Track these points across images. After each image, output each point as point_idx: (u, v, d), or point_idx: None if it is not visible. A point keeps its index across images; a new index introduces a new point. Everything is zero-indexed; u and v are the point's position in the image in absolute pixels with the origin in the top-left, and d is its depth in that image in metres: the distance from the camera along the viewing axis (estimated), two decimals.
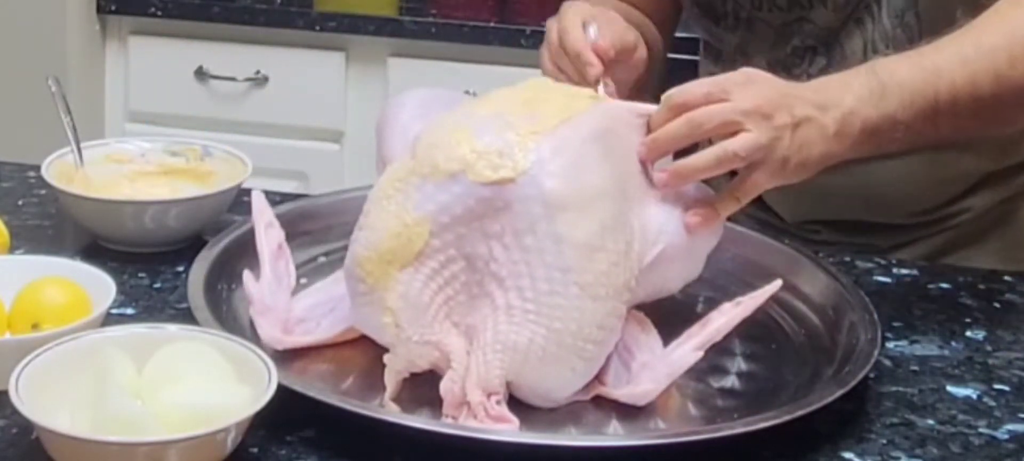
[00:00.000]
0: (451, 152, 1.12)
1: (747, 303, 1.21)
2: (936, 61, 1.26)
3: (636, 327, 1.21)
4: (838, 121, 1.21)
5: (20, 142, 1.98)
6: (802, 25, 1.50)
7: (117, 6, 2.87)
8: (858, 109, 1.22)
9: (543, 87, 1.22)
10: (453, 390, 1.11)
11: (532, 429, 1.11)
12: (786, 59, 1.51)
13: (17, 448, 1.06)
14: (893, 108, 1.23)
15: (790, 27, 1.50)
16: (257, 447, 1.07)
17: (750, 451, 1.10)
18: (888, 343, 1.29)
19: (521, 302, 1.11)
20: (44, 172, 1.43)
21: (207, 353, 1.08)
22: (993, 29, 1.29)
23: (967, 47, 1.27)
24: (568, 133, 1.14)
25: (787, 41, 1.51)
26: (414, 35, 2.79)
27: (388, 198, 1.13)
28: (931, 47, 1.28)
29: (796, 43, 1.51)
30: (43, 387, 1.04)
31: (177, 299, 1.31)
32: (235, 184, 1.43)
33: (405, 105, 1.28)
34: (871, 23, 1.47)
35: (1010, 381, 1.25)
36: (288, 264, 1.28)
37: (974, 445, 1.14)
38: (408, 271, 1.12)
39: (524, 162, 1.11)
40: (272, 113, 2.88)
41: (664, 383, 1.16)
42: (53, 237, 1.45)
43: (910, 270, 1.47)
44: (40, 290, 1.19)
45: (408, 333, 1.13)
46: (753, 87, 1.20)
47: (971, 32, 1.29)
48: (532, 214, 1.11)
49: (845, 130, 1.21)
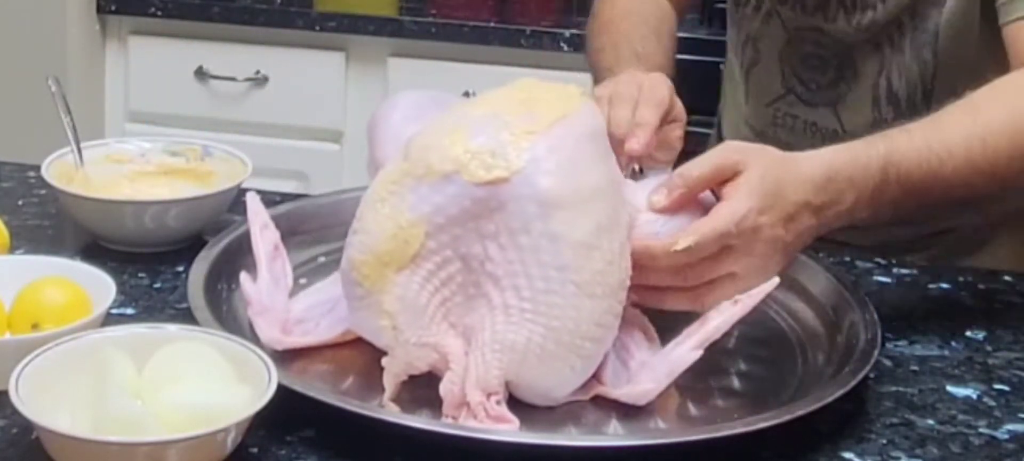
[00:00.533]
0: (445, 153, 1.12)
1: (745, 301, 1.21)
2: (942, 158, 1.25)
3: (634, 326, 1.21)
4: (829, 220, 1.22)
5: (20, 142, 1.98)
6: (819, 35, 1.50)
7: (117, 6, 2.87)
8: (855, 208, 1.23)
9: (536, 87, 1.22)
10: (453, 391, 1.11)
11: (532, 429, 1.11)
12: (796, 64, 1.51)
13: (17, 448, 1.06)
14: (885, 203, 1.24)
15: (804, 34, 1.51)
16: (257, 447, 1.07)
17: (750, 451, 1.10)
18: (888, 343, 1.29)
19: (518, 301, 1.11)
20: (44, 172, 1.43)
21: (207, 353, 1.08)
22: (1001, 122, 1.27)
23: (975, 144, 1.26)
24: (562, 132, 1.14)
25: (799, 46, 1.51)
26: (414, 35, 2.79)
27: (382, 201, 1.13)
28: (942, 134, 1.26)
29: (808, 49, 1.51)
30: (43, 387, 1.04)
31: (177, 299, 1.31)
32: (235, 184, 1.43)
33: (397, 107, 1.28)
34: (890, 50, 1.48)
35: (1010, 381, 1.25)
36: (285, 265, 1.28)
37: (974, 445, 1.14)
38: (404, 273, 1.12)
39: (518, 161, 1.11)
40: (272, 113, 2.88)
41: (664, 382, 1.16)
42: (53, 237, 1.45)
43: (910, 270, 1.47)
44: (40, 290, 1.19)
45: (406, 335, 1.13)
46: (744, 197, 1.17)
47: (980, 118, 1.27)
48: (527, 213, 1.11)
49: (831, 225, 1.23)
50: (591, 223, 1.12)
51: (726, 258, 1.17)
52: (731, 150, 1.21)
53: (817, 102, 1.56)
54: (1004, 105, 1.29)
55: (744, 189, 1.17)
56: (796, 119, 1.57)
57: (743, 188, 1.17)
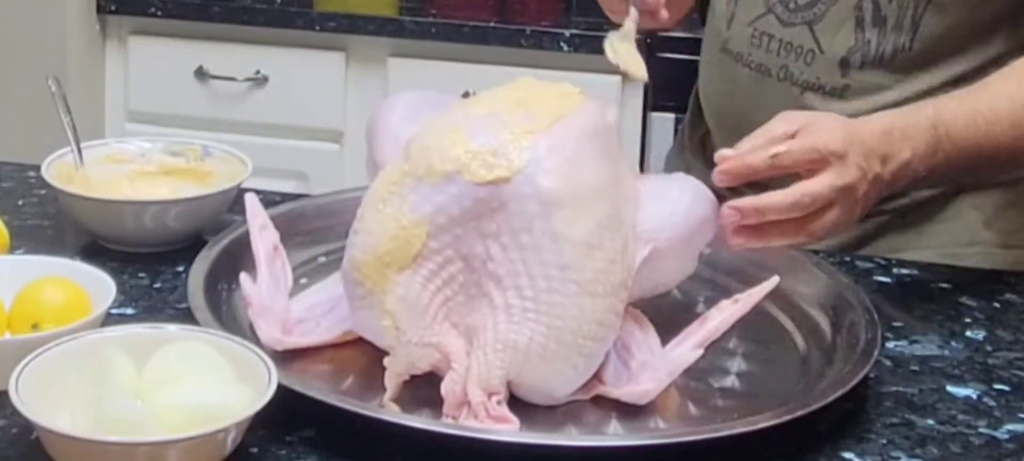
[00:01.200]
0: (445, 153, 1.12)
1: (745, 300, 1.21)
2: (989, 120, 1.33)
3: (635, 326, 1.21)
4: (894, 173, 1.29)
5: (20, 142, 1.98)
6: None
7: (117, 6, 2.87)
8: (912, 163, 1.30)
9: (535, 86, 1.22)
10: (454, 390, 1.11)
11: (532, 429, 1.11)
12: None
13: (17, 448, 1.06)
14: (940, 162, 1.32)
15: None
16: (257, 447, 1.07)
17: (750, 451, 1.10)
18: (888, 343, 1.29)
19: (520, 301, 1.11)
20: (44, 172, 1.43)
21: (207, 353, 1.08)
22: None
23: (1020, 108, 1.34)
24: (563, 131, 1.14)
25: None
26: (414, 35, 2.79)
27: (383, 201, 1.13)
28: (988, 96, 1.35)
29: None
30: (43, 387, 1.04)
31: (177, 299, 1.31)
32: (235, 184, 1.43)
33: (395, 108, 1.28)
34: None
35: (1010, 381, 1.25)
36: (285, 265, 1.28)
37: (974, 445, 1.14)
38: (406, 273, 1.12)
39: (519, 161, 1.11)
40: (272, 113, 2.88)
41: (664, 382, 1.16)
42: (53, 237, 1.45)
43: (910, 270, 1.47)
44: (40, 290, 1.19)
45: (408, 335, 1.13)
46: (827, 131, 1.24)
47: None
48: (528, 212, 1.11)
49: (897, 181, 1.30)
50: (593, 222, 1.12)
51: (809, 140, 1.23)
52: (792, 113, 1.27)
53: (794, 21, 1.53)
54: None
55: (819, 127, 1.24)
56: (771, 38, 1.54)
57: (818, 127, 1.24)
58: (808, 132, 1.24)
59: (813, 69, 1.50)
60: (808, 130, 1.24)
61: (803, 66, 1.51)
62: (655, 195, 1.21)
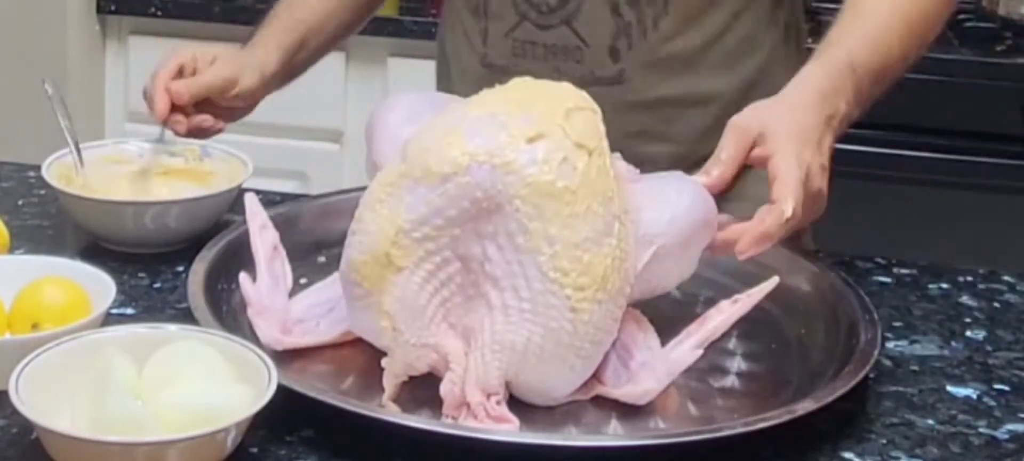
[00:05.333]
0: (443, 155, 1.12)
1: (745, 300, 1.21)
2: (889, 38, 1.38)
3: (634, 326, 1.21)
4: (836, 129, 1.31)
5: (20, 142, 1.98)
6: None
7: (117, 6, 2.87)
8: (849, 113, 1.33)
9: (533, 87, 1.22)
10: (453, 391, 1.11)
11: (532, 429, 1.11)
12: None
13: (17, 448, 1.06)
14: (864, 98, 1.35)
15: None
16: (257, 447, 1.07)
17: (750, 451, 1.10)
18: (888, 343, 1.29)
19: (517, 302, 1.11)
20: (44, 173, 1.43)
21: (207, 353, 1.08)
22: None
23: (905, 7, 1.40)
24: (561, 133, 1.14)
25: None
26: (414, 35, 2.79)
27: (381, 202, 1.13)
28: (869, 11, 1.39)
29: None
30: (43, 387, 1.04)
31: (177, 299, 1.31)
32: (236, 184, 1.43)
33: (394, 108, 1.28)
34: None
35: (1010, 381, 1.25)
36: (284, 265, 1.28)
37: (974, 445, 1.14)
38: (404, 274, 1.12)
39: (516, 163, 1.11)
40: (272, 113, 2.86)
41: (664, 382, 1.16)
42: (53, 237, 1.45)
43: (910, 270, 1.47)
44: (40, 290, 1.19)
45: (406, 336, 1.13)
46: (783, 138, 1.25)
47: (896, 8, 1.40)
48: (525, 214, 1.11)
49: (839, 133, 1.32)
50: (589, 225, 1.12)
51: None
52: (741, 121, 1.27)
53: (552, 22, 1.52)
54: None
55: (782, 139, 1.24)
56: (534, 45, 1.53)
57: (780, 139, 1.24)
58: (775, 154, 1.23)
59: (585, 65, 1.50)
60: (769, 146, 1.24)
61: (574, 64, 1.51)
62: (654, 197, 1.21)
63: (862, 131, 2.43)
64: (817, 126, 1.27)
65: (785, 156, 1.23)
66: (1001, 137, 2.48)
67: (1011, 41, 2.61)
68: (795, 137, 1.24)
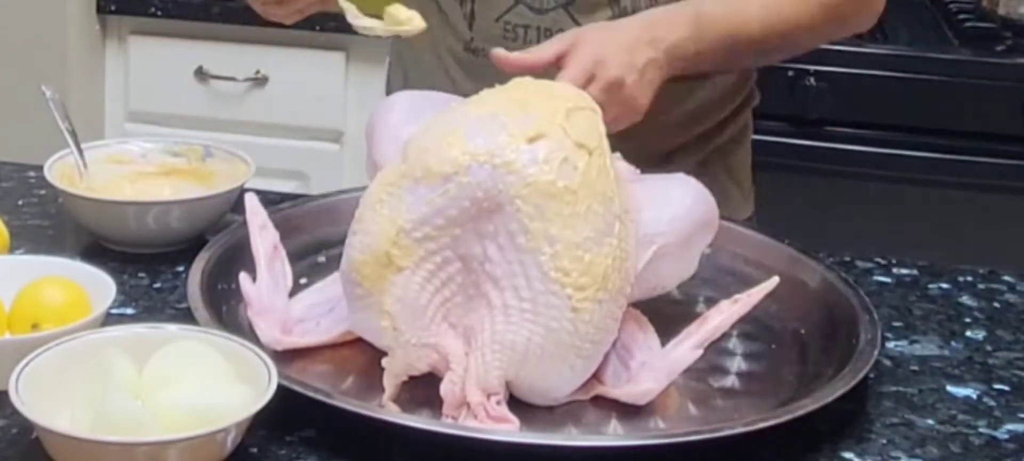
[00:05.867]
0: (443, 155, 1.12)
1: (745, 300, 1.21)
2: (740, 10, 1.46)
3: (634, 326, 1.21)
4: (668, 52, 1.39)
5: (20, 142, 1.98)
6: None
7: (117, 6, 2.86)
8: (684, 44, 1.40)
9: (533, 86, 1.22)
10: (453, 391, 1.11)
11: (532, 429, 1.11)
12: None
13: (17, 448, 1.06)
14: (706, 48, 1.42)
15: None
16: (257, 447, 1.07)
17: (750, 451, 1.10)
18: (888, 343, 1.29)
19: (517, 302, 1.11)
20: (46, 173, 1.43)
21: (207, 353, 1.08)
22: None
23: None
24: (561, 133, 1.14)
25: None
26: None
27: (381, 202, 1.13)
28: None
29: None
30: (43, 387, 1.04)
31: (177, 299, 1.31)
32: (238, 184, 1.43)
33: (394, 108, 1.28)
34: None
35: (1010, 381, 1.25)
36: (284, 265, 1.28)
37: (974, 445, 1.14)
38: (404, 274, 1.12)
39: (517, 163, 1.11)
40: (272, 113, 2.88)
41: (664, 382, 1.16)
42: (53, 237, 1.45)
43: (910, 270, 1.47)
44: (40, 290, 1.19)
45: (406, 336, 1.13)
46: (590, 44, 1.35)
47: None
48: (526, 214, 1.11)
49: (674, 60, 1.40)
50: (590, 225, 1.12)
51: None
52: (568, 34, 1.38)
53: (548, 6, 1.51)
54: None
55: (587, 45, 1.35)
56: (527, 29, 1.52)
57: (586, 45, 1.35)
58: (574, 52, 1.34)
59: None
60: (574, 50, 1.34)
61: None
62: (655, 197, 1.21)
63: (862, 131, 2.44)
64: (632, 39, 1.36)
65: (576, 55, 1.33)
66: (1001, 137, 2.48)
67: (1011, 41, 2.60)
68: (599, 43, 1.34)
